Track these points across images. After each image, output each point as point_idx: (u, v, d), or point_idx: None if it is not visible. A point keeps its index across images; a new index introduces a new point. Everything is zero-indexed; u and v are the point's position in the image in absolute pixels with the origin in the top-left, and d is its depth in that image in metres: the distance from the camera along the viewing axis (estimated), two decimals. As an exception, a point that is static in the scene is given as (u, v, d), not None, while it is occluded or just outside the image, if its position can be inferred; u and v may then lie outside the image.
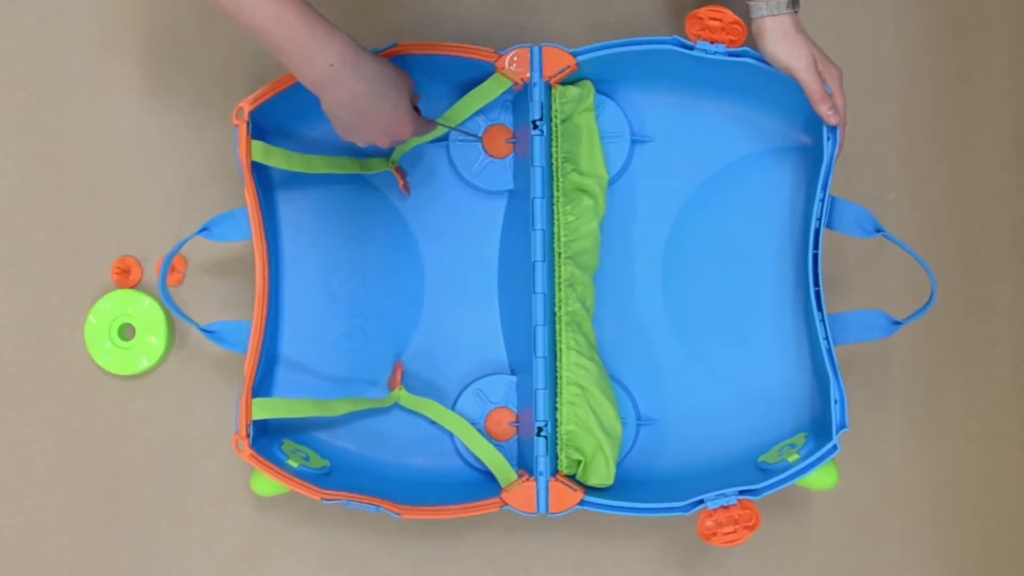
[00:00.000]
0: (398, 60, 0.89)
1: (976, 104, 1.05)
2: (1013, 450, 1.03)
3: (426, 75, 0.93)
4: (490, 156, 0.98)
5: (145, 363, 1.01)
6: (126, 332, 1.02)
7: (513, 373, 0.97)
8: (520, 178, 0.95)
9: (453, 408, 0.97)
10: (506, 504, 0.88)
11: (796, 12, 0.87)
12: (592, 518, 0.92)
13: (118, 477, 1.02)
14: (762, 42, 0.87)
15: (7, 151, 1.04)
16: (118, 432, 1.02)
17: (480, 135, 0.97)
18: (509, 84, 0.92)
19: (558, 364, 0.92)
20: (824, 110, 0.88)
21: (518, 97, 0.95)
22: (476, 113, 0.95)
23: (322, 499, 0.87)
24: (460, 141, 0.97)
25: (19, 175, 1.04)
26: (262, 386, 0.93)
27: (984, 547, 1.03)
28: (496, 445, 0.95)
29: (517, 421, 0.97)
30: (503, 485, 0.91)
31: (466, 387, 0.97)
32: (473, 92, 0.94)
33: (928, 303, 0.89)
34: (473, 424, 0.95)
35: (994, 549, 1.03)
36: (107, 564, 1.01)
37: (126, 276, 1.02)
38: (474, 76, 0.93)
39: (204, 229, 0.91)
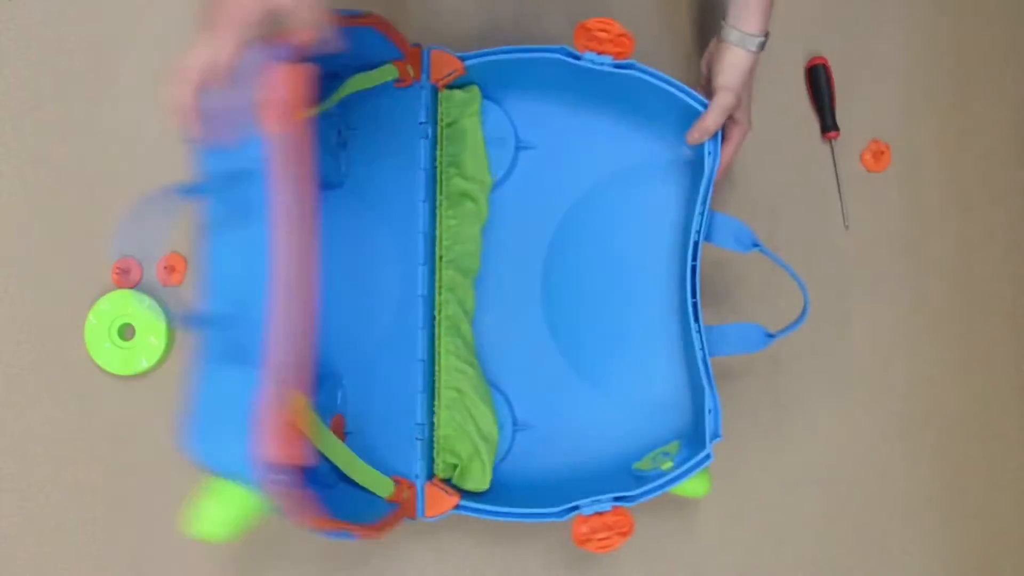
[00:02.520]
0: (360, 30, 0.84)
1: (976, 104, 1.05)
2: (1013, 450, 1.03)
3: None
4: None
5: (145, 363, 1.01)
6: (126, 332, 1.02)
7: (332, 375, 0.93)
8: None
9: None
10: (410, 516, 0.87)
11: (758, 53, 0.87)
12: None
13: (118, 477, 1.02)
14: (715, 59, 0.88)
15: (7, 151, 1.04)
16: (118, 432, 1.02)
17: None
18: (395, 75, 0.90)
19: (436, 368, 0.92)
20: (694, 135, 0.88)
21: (398, 92, 0.93)
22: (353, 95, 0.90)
23: None
24: None
25: (19, 175, 1.04)
26: None
27: (984, 547, 1.03)
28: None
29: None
30: (383, 496, 0.87)
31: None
32: (360, 75, 0.89)
33: (800, 318, 0.89)
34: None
35: (994, 549, 1.03)
36: (107, 564, 1.01)
37: (126, 276, 1.02)
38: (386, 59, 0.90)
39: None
